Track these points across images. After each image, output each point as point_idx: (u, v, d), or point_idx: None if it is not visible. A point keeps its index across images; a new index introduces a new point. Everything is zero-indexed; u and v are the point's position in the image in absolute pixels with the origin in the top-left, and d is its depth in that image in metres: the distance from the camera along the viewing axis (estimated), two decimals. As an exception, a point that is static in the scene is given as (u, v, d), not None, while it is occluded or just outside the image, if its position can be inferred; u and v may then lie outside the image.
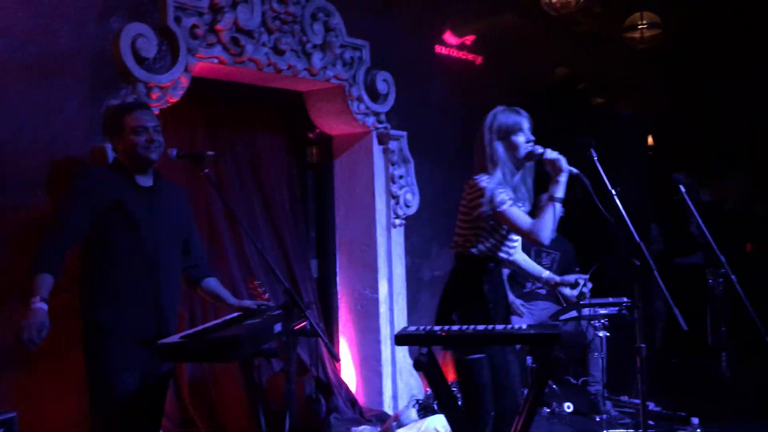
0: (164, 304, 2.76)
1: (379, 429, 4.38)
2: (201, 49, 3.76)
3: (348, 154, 5.01)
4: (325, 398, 4.17)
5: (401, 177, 4.99)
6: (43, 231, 2.65)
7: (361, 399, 4.91)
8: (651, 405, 4.93)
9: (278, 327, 2.77)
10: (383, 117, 4.89)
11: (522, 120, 2.93)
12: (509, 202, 2.83)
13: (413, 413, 4.33)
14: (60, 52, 3.28)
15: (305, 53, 4.32)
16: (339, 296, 5.08)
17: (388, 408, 4.85)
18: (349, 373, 5.01)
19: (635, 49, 6.68)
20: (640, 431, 3.54)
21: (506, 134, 2.90)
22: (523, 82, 6.18)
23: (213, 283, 3.04)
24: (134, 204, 2.74)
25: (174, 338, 2.44)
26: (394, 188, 4.95)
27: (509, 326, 2.56)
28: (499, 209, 2.81)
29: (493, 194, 2.83)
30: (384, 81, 4.85)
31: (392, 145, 4.94)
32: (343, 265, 5.06)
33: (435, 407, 4.45)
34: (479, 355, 2.78)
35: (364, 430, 4.35)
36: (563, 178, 2.83)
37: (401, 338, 2.54)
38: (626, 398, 4.92)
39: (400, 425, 4.18)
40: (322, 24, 4.42)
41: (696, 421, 3.82)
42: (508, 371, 2.80)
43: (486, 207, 2.83)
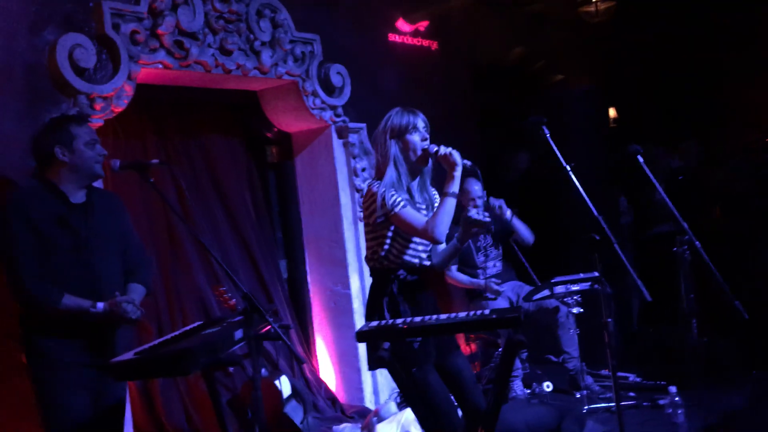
0: (103, 326, 2.69)
1: (361, 425, 4.34)
2: (143, 55, 3.66)
3: (308, 151, 4.94)
4: (302, 402, 4.11)
5: (364, 170, 4.93)
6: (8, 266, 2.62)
7: (342, 396, 4.87)
8: (632, 377, 4.95)
9: (239, 333, 2.71)
10: (340, 110, 4.81)
11: (416, 120, 2.84)
12: (402, 203, 2.73)
13: (393, 406, 4.29)
14: (-8, 69, 3.17)
15: (254, 51, 4.24)
16: (311, 295, 5.02)
17: (370, 403, 4.81)
18: (328, 371, 4.96)
19: (590, 24, 6.68)
20: (621, 404, 3.55)
21: (400, 133, 2.81)
22: (479, 65, 6.14)
23: (129, 289, 2.88)
24: (70, 223, 2.67)
25: (128, 355, 2.37)
26: (358, 181, 4.89)
27: (470, 313, 2.51)
28: (393, 212, 2.73)
29: (385, 197, 2.74)
30: (338, 74, 4.78)
31: (352, 138, 4.87)
32: (313, 263, 5.00)
33: None
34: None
35: (345, 428, 4.30)
36: (457, 173, 2.74)
37: (363, 335, 2.48)
38: (607, 371, 4.91)
39: (381, 419, 4.13)
40: (269, 20, 4.33)
41: (674, 390, 3.82)
42: (429, 389, 2.70)
43: (380, 212, 2.75)
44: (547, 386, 4.67)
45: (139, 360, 2.31)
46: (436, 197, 2.96)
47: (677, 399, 3.78)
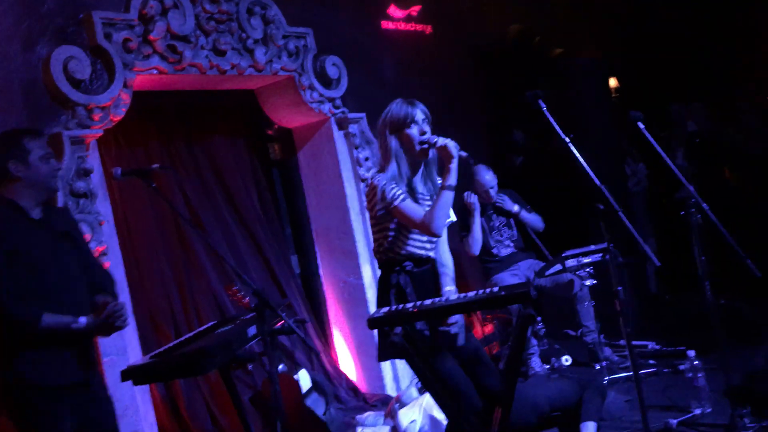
0: (79, 343, 2.60)
1: (384, 412, 4.36)
2: (137, 62, 3.68)
3: (310, 145, 4.95)
4: (323, 395, 4.13)
5: (367, 159, 4.93)
6: None
7: (363, 386, 4.89)
8: (651, 344, 4.94)
9: (252, 330, 2.73)
10: (339, 102, 4.81)
11: (415, 111, 2.80)
12: (402, 196, 2.72)
13: (414, 391, 4.30)
14: (-12, 89, 3.21)
15: (247, 50, 4.25)
16: (324, 288, 5.04)
17: (391, 390, 4.83)
18: (348, 362, 4.99)
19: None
20: (641, 372, 3.55)
21: (399, 127, 2.78)
22: (477, 45, 6.11)
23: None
24: (33, 241, 2.55)
25: (144, 359, 2.39)
26: (362, 171, 4.89)
27: (480, 291, 2.51)
28: (393, 205, 2.72)
29: (385, 190, 2.73)
30: (334, 65, 4.78)
31: (353, 129, 4.87)
32: (324, 257, 5.02)
33: None
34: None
35: (369, 417, 4.33)
36: (453, 165, 2.71)
37: (374, 321, 2.49)
38: (625, 342, 4.90)
39: (403, 405, 4.15)
40: (260, 18, 4.33)
41: (693, 354, 3.80)
42: (446, 375, 2.69)
43: (380, 205, 2.75)
44: (566, 360, 4.67)
45: (156, 363, 2.33)
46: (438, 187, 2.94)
47: (697, 363, 3.76)
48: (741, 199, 5.81)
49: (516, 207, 4.79)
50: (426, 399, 4.02)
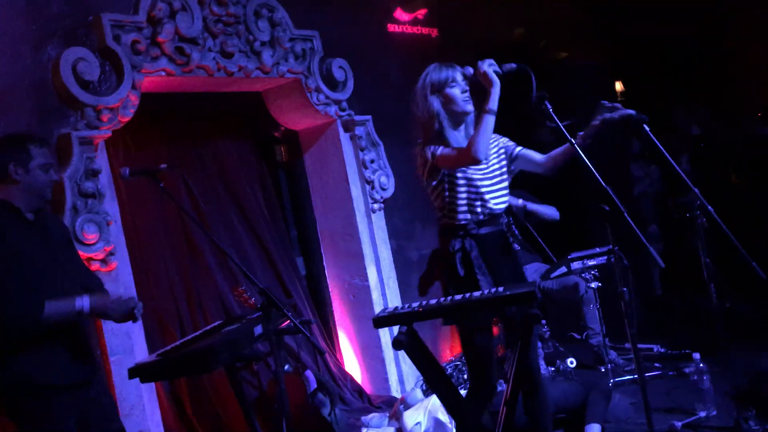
0: (81, 341, 2.64)
1: (388, 414, 4.37)
2: (146, 64, 3.71)
3: (316, 147, 4.97)
4: (329, 395, 4.14)
5: (372, 161, 4.95)
6: None
7: (368, 387, 4.90)
8: (656, 347, 4.94)
9: (258, 329, 2.74)
10: (345, 104, 4.84)
11: (455, 73, 2.85)
12: (440, 147, 2.77)
13: (419, 393, 4.32)
14: (-1, 89, 3.23)
15: (254, 52, 4.27)
16: (330, 289, 5.06)
17: (396, 392, 4.84)
18: (353, 364, 5.00)
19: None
20: (645, 375, 3.54)
21: (440, 87, 2.83)
22: (483, 48, 6.10)
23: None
24: (31, 242, 2.57)
25: (151, 357, 2.41)
26: (368, 173, 4.91)
27: (485, 291, 2.52)
28: (435, 157, 2.77)
29: (424, 150, 2.80)
30: (340, 68, 4.80)
31: (359, 131, 4.90)
32: (329, 258, 5.03)
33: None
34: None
35: (374, 418, 4.33)
36: (494, 90, 2.73)
37: (379, 321, 2.51)
38: (630, 345, 4.90)
39: (408, 406, 4.16)
40: (267, 20, 4.36)
41: (698, 356, 3.80)
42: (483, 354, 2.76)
43: (428, 165, 2.79)
44: (571, 362, 4.67)
45: (162, 361, 2.35)
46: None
47: (702, 366, 3.76)
48: (745, 203, 5.80)
49: (520, 201, 4.74)
50: (431, 401, 4.03)
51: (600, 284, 4.49)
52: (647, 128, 3.45)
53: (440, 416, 3.93)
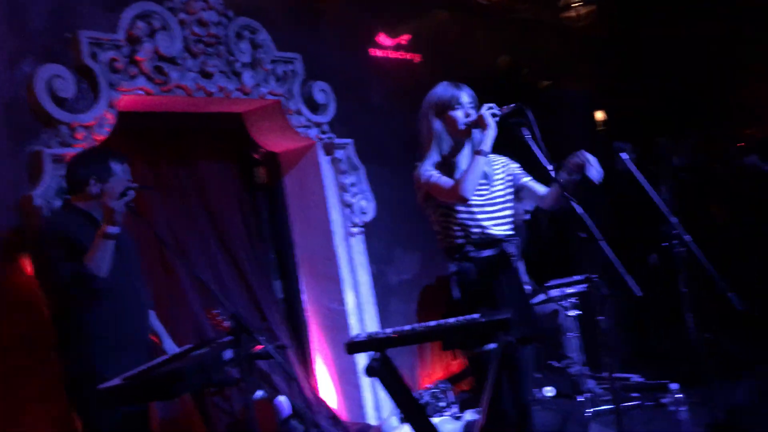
0: (144, 338, 2.91)
1: (364, 442, 4.30)
2: (123, 83, 3.67)
3: (296, 170, 4.94)
4: (303, 422, 4.07)
5: (353, 185, 4.92)
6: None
7: (344, 414, 4.82)
8: (634, 377, 4.91)
9: (228, 354, 2.68)
10: (326, 127, 4.82)
11: (460, 94, 2.84)
12: (434, 173, 2.75)
13: (394, 420, 4.25)
14: (-29, 105, 3.18)
15: (235, 73, 4.25)
16: (307, 314, 4.98)
17: (372, 420, 4.76)
18: (329, 390, 4.92)
19: (573, 29, 6.70)
20: (623, 405, 3.51)
21: (443, 109, 2.82)
22: (466, 75, 6.12)
23: (152, 317, 3.08)
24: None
25: (114, 381, 2.34)
26: (347, 197, 4.88)
27: (460, 318, 2.48)
28: (428, 183, 2.75)
29: (420, 173, 2.78)
30: (322, 91, 4.79)
31: (339, 154, 4.87)
32: (307, 282, 4.97)
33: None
34: (491, 346, 2.66)
35: (348, 446, 4.26)
36: (489, 132, 2.73)
37: (352, 346, 2.46)
38: (608, 374, 4.87)
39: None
40: (249, 42, 4.35)
41: (676, 387, 3.78)
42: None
43: (422, 190, 2.78)
44: (549, 391, 4.62)
45: (127, 385, 2.28)
46: (491, 164, 2.91)
47: (680, 396, 3.74)
48: (725, 234, 5.82)
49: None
50: (406, 428, 3.96)
51: (580, 312, 4.46)
52: (626, 156, 3.48)
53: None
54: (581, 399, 4.48)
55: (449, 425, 4.34)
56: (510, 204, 2.92)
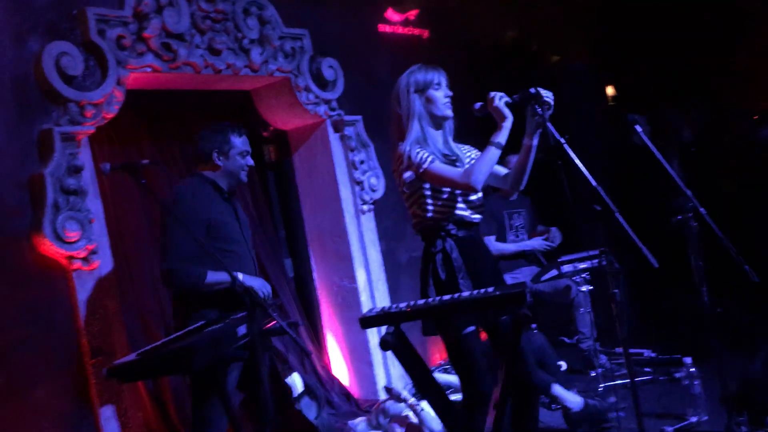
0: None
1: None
2: (131, 60, 3.64)
3: (305, 147, 4.91)
4: (315, 399, 4.07)
5: (362, 162, 4.90)
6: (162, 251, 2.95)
7: (356, 391, 4.84)
8: (647, 352, 4.90)
9: (242, 330, 2.68)
10: (335, 104, 4.78)
11: (440, 77, 2.80)
12: (430, 158, 2.67)
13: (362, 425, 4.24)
14: (-21, 82, 3.16)
15: (243, 50, 4.21)
16: (318, 291, 4.99)
17: (384, 396, 4.77)
18: (341, 367, 4.93)
19: (582, 1, 6.60)
20: (637, 379, 3.49)
21: (424, 87, 2.77)
22: (474, 51, 6.09)
23: None
24: (228, 217, 3.06)
25: (130, 357, 2.34)
26: (357, 174, 4.85)
27: (474, 291, 2.46)
28: (422, 168, 2.66)
29: (411, 155, 2.68)
30: (330, 67, 4.74)
31: (348, 131, 4.84)
32: (318, 260, 4.97)
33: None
34: (469, 329, 2.66)
35: (360, 422, 4.26)
36: (506, 123, 2.67)
37: (366, 320, 2.44)
38: (621, 350, 4.86)
39: (387, 414, 4.08)
40: (256, 18, 4.30)
41: (689, 361, 3.76)
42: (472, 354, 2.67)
43: (409, 172, 2.69)
44: (561, 367, 4.62)
45: (141, 360, 2.28)
46: (461, 150, 2.87)
47: (693, 370, 3.72)
48: (737, 206, 5.77)
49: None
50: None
51: (591, 287, 4.44)
52: (640, 129, 3.43)
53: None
54: (593, 374, 4.47)
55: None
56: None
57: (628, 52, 6.98)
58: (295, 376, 4.11)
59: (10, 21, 3.25)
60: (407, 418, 3.86)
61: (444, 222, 2.74)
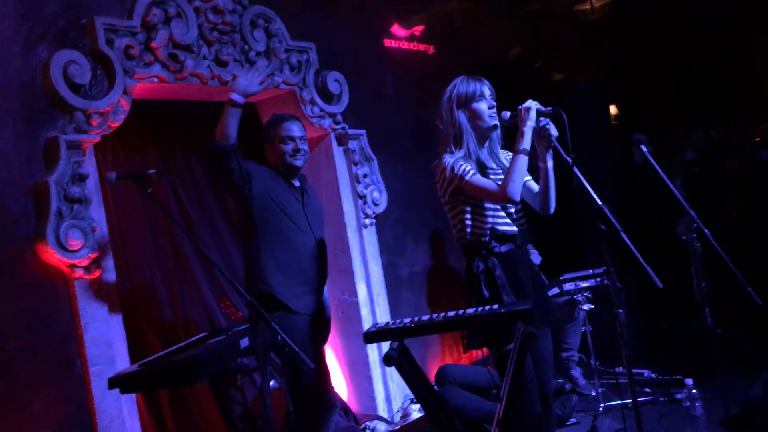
0: (316, 287, 3.27)
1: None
2: (138, 70, 3.65)
3: (309, 160, 4.86)
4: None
5: (366, 176, 4.90)
6: None
7: (354, 406, 4.81)
8: (646, 372, 4.88)
9: (245, 342, 2.67)
10: (339, 117, 4.79)
11: (483, 87, 2.80)
12: (471, 171, 2.69)
13: (382, 426, 4.23)
14: (-13, 89, 3.16)
15: (249, 62, 4.22)
16: (319, 305, 4.96)
17: (383, 411, 4.75)
18: (340, 381, 4.90)
19: (587, 21, 6.66)
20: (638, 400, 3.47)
21: (466, 101, 2.77)
22: (479, 67, 6.10)
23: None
24: (287, 196, 3.27)
25: (131, 367, 2.33)
26: (360, 188, 4.85)
27: (479, 309, 2.46)
28: (464, 180, 2.68)
29: (453, 167, 2.71)
30: (335, 81, 4.76)
31: (352, 145, 4.84)
32: (319, 273, 4.94)
33: None
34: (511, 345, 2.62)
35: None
36: (527, 129, 2.69)
37: (370, 335, 2.44)
38: (621, 369, 4.84)
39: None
40: (263, 30, 4.32)
41: (690, 382, 3.75)
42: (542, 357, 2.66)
43: (452, 184, 2.71)
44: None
45: (143, 371, 2.27)
46: (508, 160, 2.86)
47: (694, 392, 3.71)
48: (741, 228, 5.77)
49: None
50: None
51: (592, 306, 4.42)
52: (645, 149, 3.44)
53: None
54: (594, 394, 4.45)
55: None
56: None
57: (634, 72, 7.02)
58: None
59: (20, 29, 3.26)
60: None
61: (485, 239, 2.74)
